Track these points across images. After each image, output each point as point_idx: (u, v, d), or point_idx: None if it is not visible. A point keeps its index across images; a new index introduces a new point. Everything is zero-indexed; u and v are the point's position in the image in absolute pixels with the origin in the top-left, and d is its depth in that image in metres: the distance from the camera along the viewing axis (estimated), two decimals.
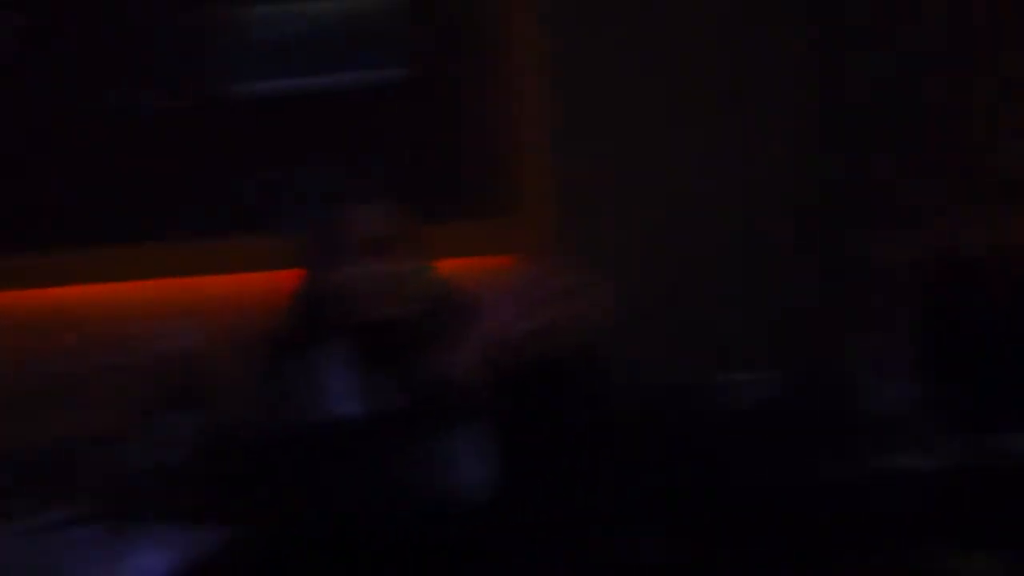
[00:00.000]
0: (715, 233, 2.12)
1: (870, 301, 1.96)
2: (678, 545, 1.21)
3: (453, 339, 1.29)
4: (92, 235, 1.90)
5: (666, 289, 2.03)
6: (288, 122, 1.96)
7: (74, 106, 1.97)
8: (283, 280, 1.36)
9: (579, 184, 2.06)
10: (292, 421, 1.24)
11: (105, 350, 1.73)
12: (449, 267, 1.43)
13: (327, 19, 1.99)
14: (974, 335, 1.61)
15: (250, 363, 1.32)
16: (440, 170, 1.98)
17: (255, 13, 1.98)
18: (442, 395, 1.26)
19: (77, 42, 1.98)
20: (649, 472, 1.29)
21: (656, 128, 2.11)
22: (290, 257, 1.36)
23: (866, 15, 2.05)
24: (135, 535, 1.28)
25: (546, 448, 1.29)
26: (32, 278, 1.86)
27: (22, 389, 1.78)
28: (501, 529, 1.23)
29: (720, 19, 2.12)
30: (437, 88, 2.04)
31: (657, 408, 1.53)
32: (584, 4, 2.07)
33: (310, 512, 1.25)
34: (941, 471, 1.36)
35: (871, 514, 1.30)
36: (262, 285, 1.60)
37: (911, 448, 1.41)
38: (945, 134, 1.91)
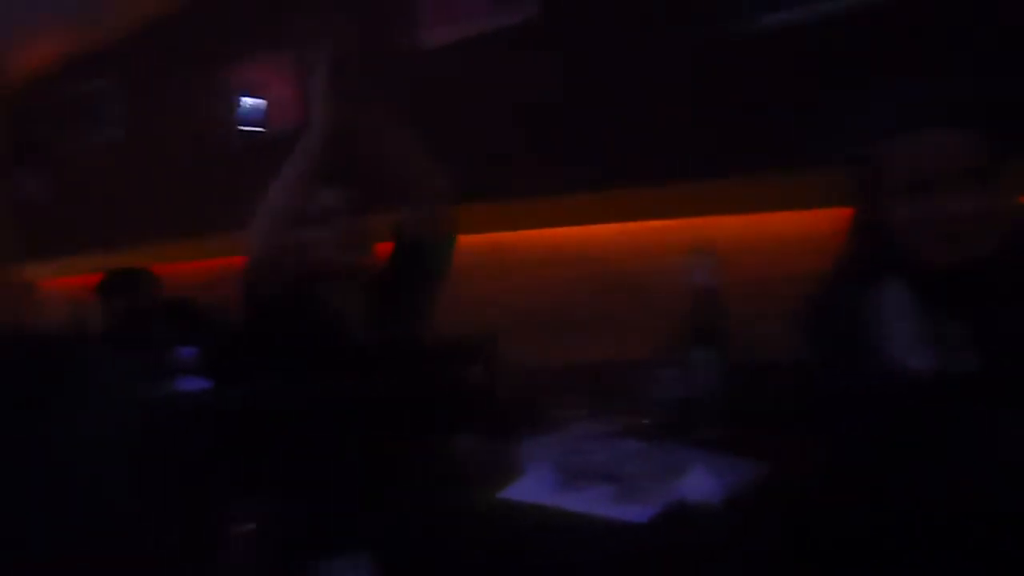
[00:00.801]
0: None
1: None
2: None
3: None
4: (630, 174, 2.03)
5: None
6: (830, 49, 1.83)
7: (619, 46, 2.07)
8: (828, 217, 1.28)
9: None
10: (845, 368, 1.18)
11: (640, 284, 1.87)
12: None
13: None
14: None
15: (793, 303, 1.28)
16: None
17: None
18: None
19: None
20: None
21: None
22: (840, 193, 1.27)
23: None
24: (680, 456, 1.37)
25: None
26: (578, 216, 2.07)
27: (573, 314, 2.02)
28: None
29: None
30: None
31: None
32: None
33: (859, 468, 1.18)
34: None
35: None
36: (805, 223, 1.55)
37: None
38: None
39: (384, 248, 1.78)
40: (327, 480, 1.53)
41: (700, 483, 1.25)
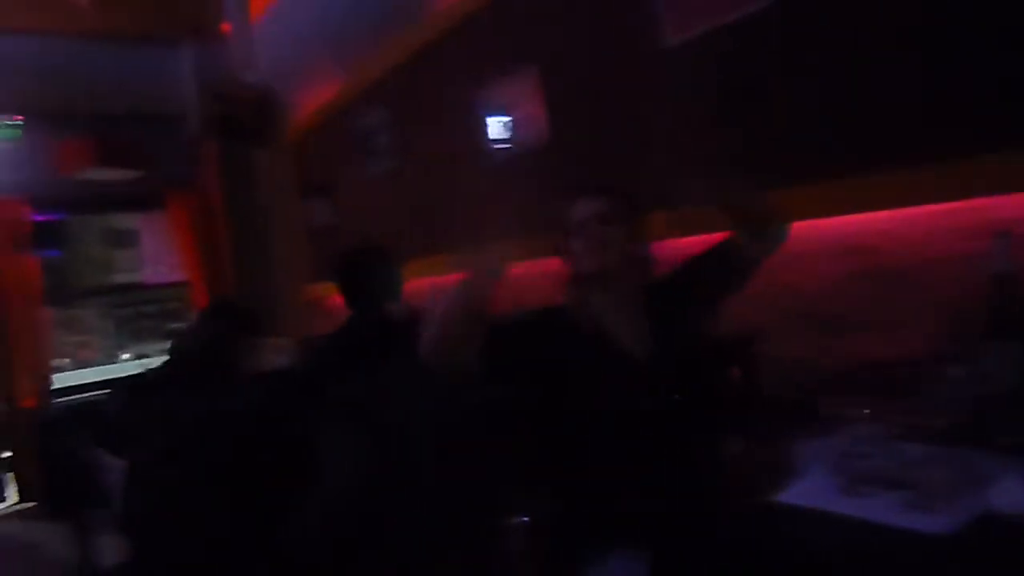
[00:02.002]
0: None
1: None
2: None
3: None
4: (903, 155, 1.85)
5: None
6: None
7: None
8: None
9: None
10: None
11: (921, 274, 1.71)
12: None
13: None
14: None
15: None
16: None
17: None
18: None
19: None
20: None
21: None
22: None
23: None
24: (980, 461, 1.23)
25: None
26: (847, 204, 1.93)
27: (848, 309, 1.89)
28: None
29: None
30: None
31: None
32: None
33: None
34: None
35: None
36: None
37: None
38: None
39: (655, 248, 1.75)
40: (602, 479, 1.56)
41: (1012, 493, 1.11)
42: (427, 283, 2.30)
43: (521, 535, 1.83)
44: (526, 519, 1.85)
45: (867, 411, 1.45)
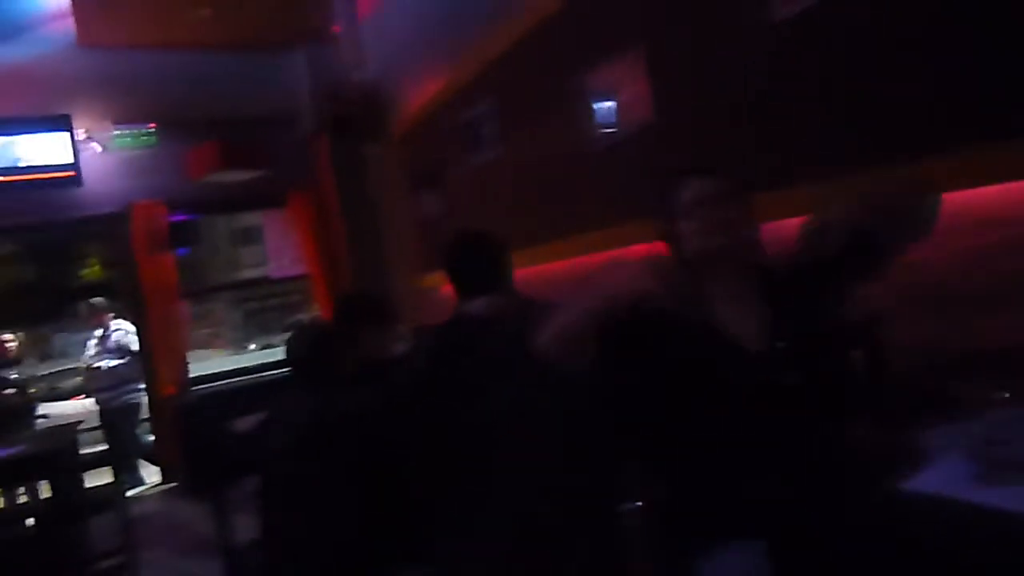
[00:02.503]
0: None
1: None
2: None
3: None
4: None
5: None
6: None
7: None
8: None
9: None
10: None
11: None
12: None
13: None
14: None
15: None
16: None
17: None
18: None
19: None
20: None
21: None
22: None
23: None
24: None
25: None
26: (975, 175, 1.80)
27: (980, 288, 1.77)
28: None
29: None
30: None
31: None
32: None
33: None
34: None
35: None
36: None
37: None
38: None
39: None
40: (720, 467, 1.51)
41: None
42: (534, 272, 2.32)
43: (636, 521, 1.82)
44: (640, 504, 1.83)
45: (1007, 395, 1.36)
